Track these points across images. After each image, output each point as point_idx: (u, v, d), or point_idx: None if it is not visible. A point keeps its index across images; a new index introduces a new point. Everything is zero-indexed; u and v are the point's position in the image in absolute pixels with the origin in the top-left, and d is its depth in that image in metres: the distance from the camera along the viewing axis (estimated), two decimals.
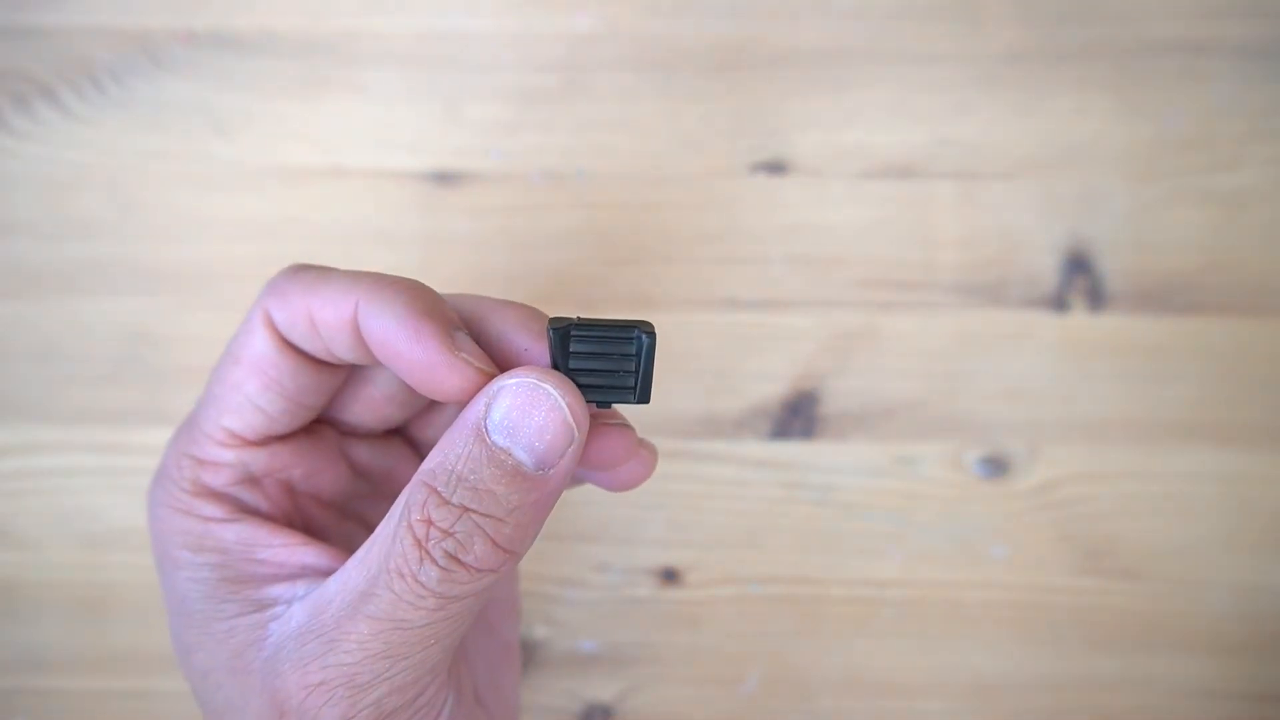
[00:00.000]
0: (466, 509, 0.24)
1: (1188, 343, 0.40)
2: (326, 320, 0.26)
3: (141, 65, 0.41)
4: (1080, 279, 0.40)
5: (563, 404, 0.24)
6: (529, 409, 0.24)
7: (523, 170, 0.41)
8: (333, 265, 0.28)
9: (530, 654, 0.40)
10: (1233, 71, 0.41)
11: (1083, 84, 0.41)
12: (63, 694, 0.40)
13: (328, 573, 0.26)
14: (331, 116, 0.41)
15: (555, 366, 0.25)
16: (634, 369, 0.25)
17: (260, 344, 0.27)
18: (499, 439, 0.24)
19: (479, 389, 0.25)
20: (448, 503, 0.24)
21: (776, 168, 0.41)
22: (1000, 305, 0.41)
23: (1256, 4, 0.41)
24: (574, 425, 0.24)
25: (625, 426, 0.27)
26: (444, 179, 0.41)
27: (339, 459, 0.30)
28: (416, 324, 0.25)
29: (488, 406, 0.24)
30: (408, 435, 0.32)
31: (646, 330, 0.25)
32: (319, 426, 0.30)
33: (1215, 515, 0.40)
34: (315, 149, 0.41)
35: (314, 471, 0.29)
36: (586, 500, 0.40)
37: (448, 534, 0.24)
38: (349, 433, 0.30)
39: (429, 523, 0.24)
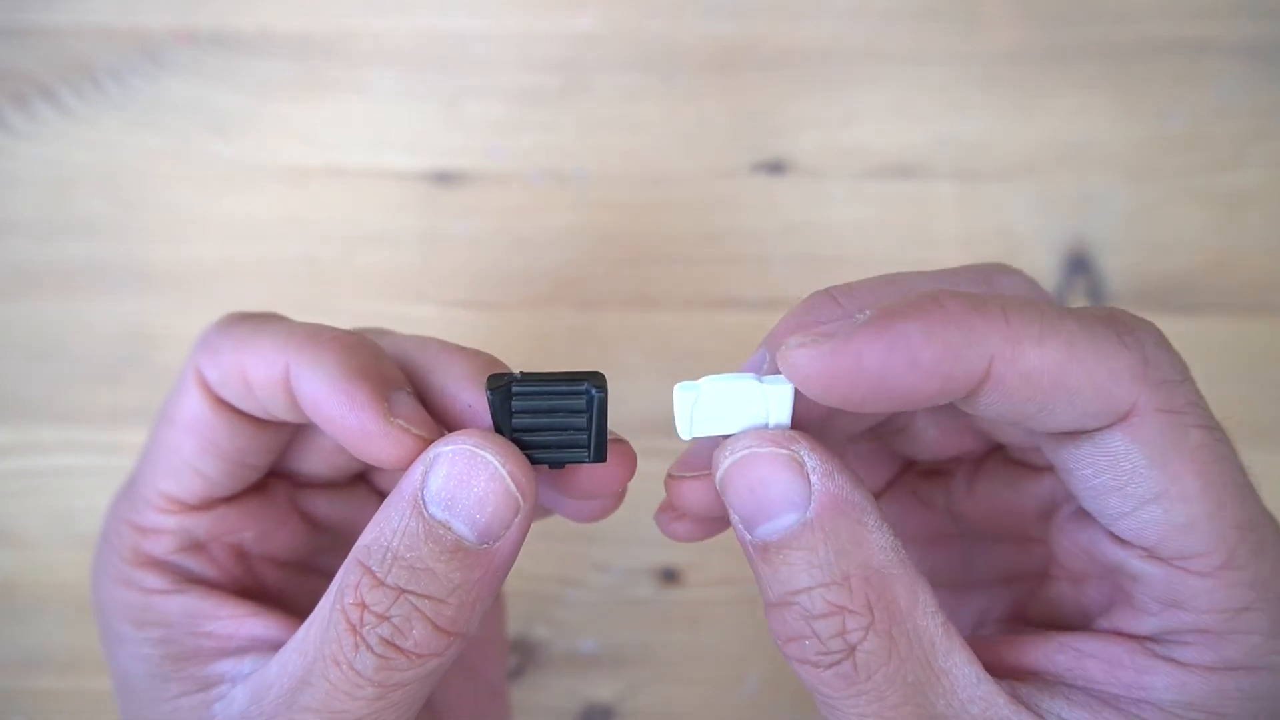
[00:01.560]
0: (403, 590, 0.21)
1: (1188, 343, 0.40)
2: (258, 379, 0.24)
3: (141, 65, 0.41)
4: (1080, 279, 0.40)
5: (504, 472, 0.22)
6: (468, 478, 0.22)
7: (523, 170, 0.41)
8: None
9: (530, 654, 0.40)
10: (1233, 71, 0.41)
11: (1083, 84, 0.41)
12: (63, 694, 0.40)
13: (277, 645, 0.24)
14: (331, 116, 0.41)
15: (498, 428, 0.23)
16: (586, 425, 0.23)
17: (194, 404, 0.25)
18: (437, 511, 0.22)
19: (417, 456, 0.22)
20: (382, 583, 0.21)
21: (776, 168, 0.41)
22: None
23: (1256, 4, 0.41)
24: (518, 494, 0.22)
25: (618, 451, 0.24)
26: (444, 179, 0.41)
27: (293, 515, 0.28)
28: (349, 387, 0.22)
29: (424, 475, 0.22)
30: (371, 480, 0.29)
31: (597, 384, 0.22)
32: (271, 482, 0.27)
33: None
34: (315, 149, 0.41)
35: (267, 532, 0.27)
36: None
37: (383, 618, 0.21)
38: (306, 484, 0.28)
39: (363, 606, 0.21)
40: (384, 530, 0.22)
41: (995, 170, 0.41)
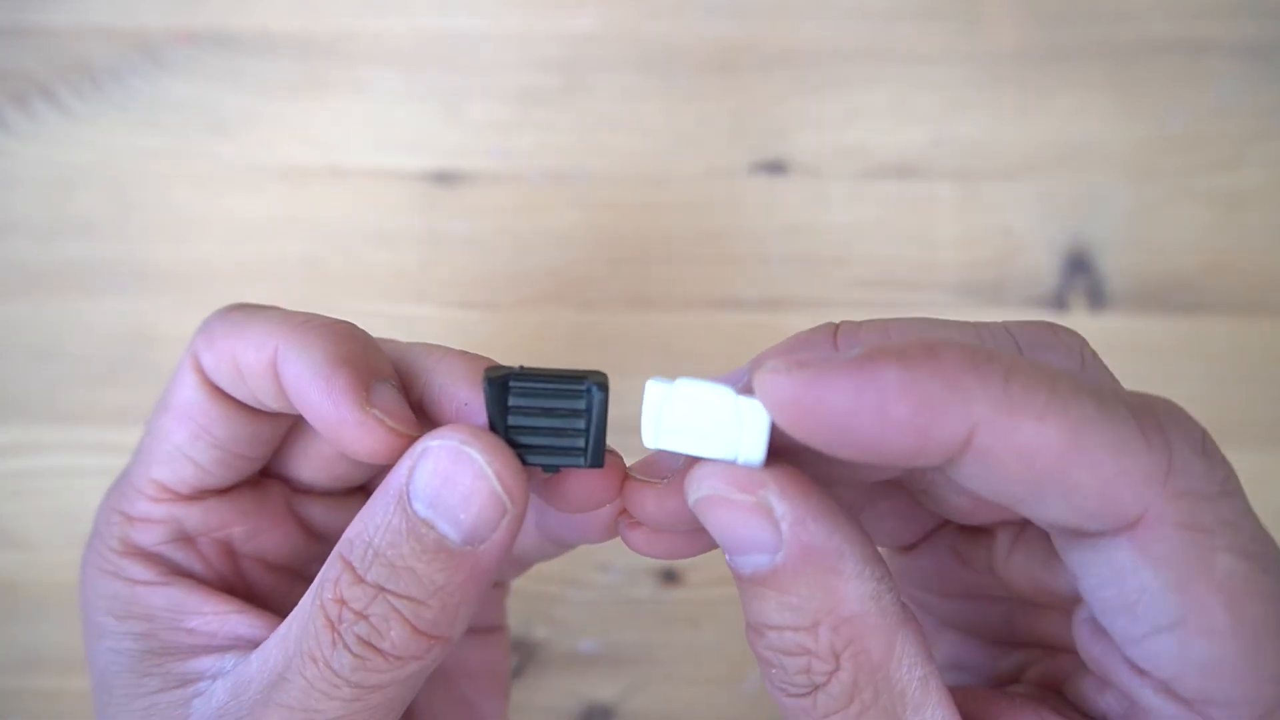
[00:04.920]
0: (382, 589, 0.21)
1: (1188, 343, 0.40)
2: (249, 364, 0.23)
3: (141, 65, 0.41)
4: (1080, 279, 0.40)
5: (489, 471, 0.21)
6: (452, 476, 0.21)
7: (523, 170, 0.41)
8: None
9: (530, 654, 0.40)
10: (1233, 71, 0.41)
11: (1083, 84, 0.41)
12: (62, 694, 0.40)
13: (260, 643, 0.24)
14: (331, 116, 0.41)
15: (493, 425, 0.21)
16: (584, 427, 0.21)
17: (188, 390, 0.24)
18: (421, 509, 0.21)
19: (396, 452, 0.22)
20: (362, 580, 0.21)
21: (776, 168, 0.41)
22: (1000, 305, 0.41)
23: (1256, 4, 0.41)
24: (505, 496, 0.21)
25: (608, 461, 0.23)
26: (444, 179, 0.41)
27: (287, 518, 0.27)
28: (329, 372, 0.22)
29: (411, 471, 0.21)
30: (372, 492, 0.29)
31: (599, 382, 0.21)
32: (266, 482, 0.27)
33: None
34: (315, 149, 0.41)
35: (257, 531, 0.26)
36: None
37: (361, 616, 0.21)
38: (303, 490, 0.27)
39: (342, 602, 0.21)
40: (367, 525, 0.21)
41: (995, 170, 0.41)
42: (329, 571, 0.21)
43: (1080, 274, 0.40)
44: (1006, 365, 0.17)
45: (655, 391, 0.20)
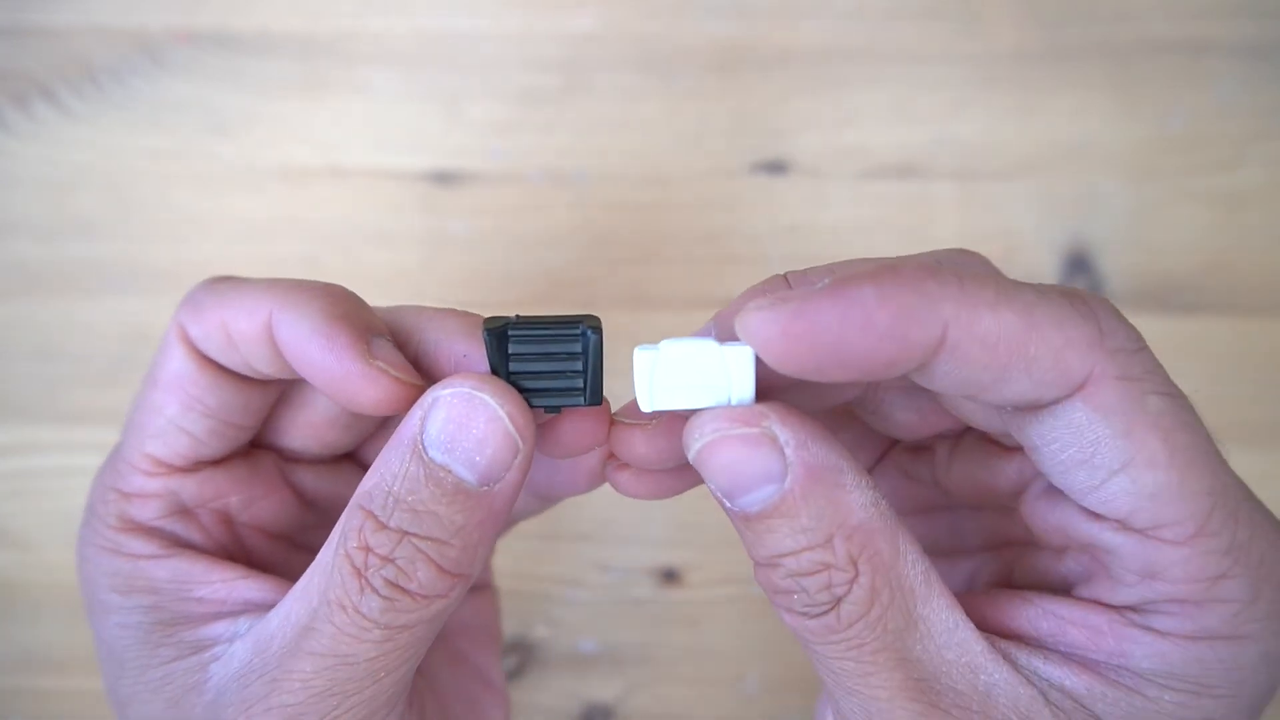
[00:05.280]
0: (406, 533, 0.22)
1: (1188, 343, 0.40)
2: (241, 331, 0.24)
3: (141, 65, 0.41)
4: (1080, 279, 0.40)
5: (502, 413, 0.22)
6: (467, 421, 0.22)
7: (523, 170, 0.41)
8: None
9: (530, 654, 0.40)
10: (1233, 71, 0.41)
11: (1083, 84, 0.41)
12: (62, 694, 0.40)
13: (270, 607, 0.24)
14: (331, 116, 0.41)
15: (495, 372, 0.23)
16: (581, 369, 0.23)
17: (177, 361, 0.25)
18: (437, 455, 0.22)
19: (400, 400, 0.23)
20: (385, 527, 0.22)
21: (776, 168, 0.41)
22: None
23: (1256, 4, 0.41)
24: (517, 435, 0.22)
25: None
26: (444, 179, 0.41)
27: (281, 486, 0.28)
28: (329, 330, 0.23)
29: (423, 420, 0.22)
30: (360, 459, 0.29)
31: (593, 325, 0.23)
32: (258, 452, 0.27)
33: None
34: (315, 149, 0.41)
35: (253, 499, 0.27)
36: (587, 500, 0.40)
37: (387, 560, 0.22)
38: (294, 459, 0.28)
39: (367, 549, 0.22)
40: (385, 475, 0.22)
41: (995, 170, 0.41)
42: (350, 522, 0.22)
43: (1080, 274, 0.40)
44: (956, 271, 0.20)
45: (643, 359, 0.22)
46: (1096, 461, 0.20)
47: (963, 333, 0.20)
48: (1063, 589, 0.23)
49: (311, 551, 0.28)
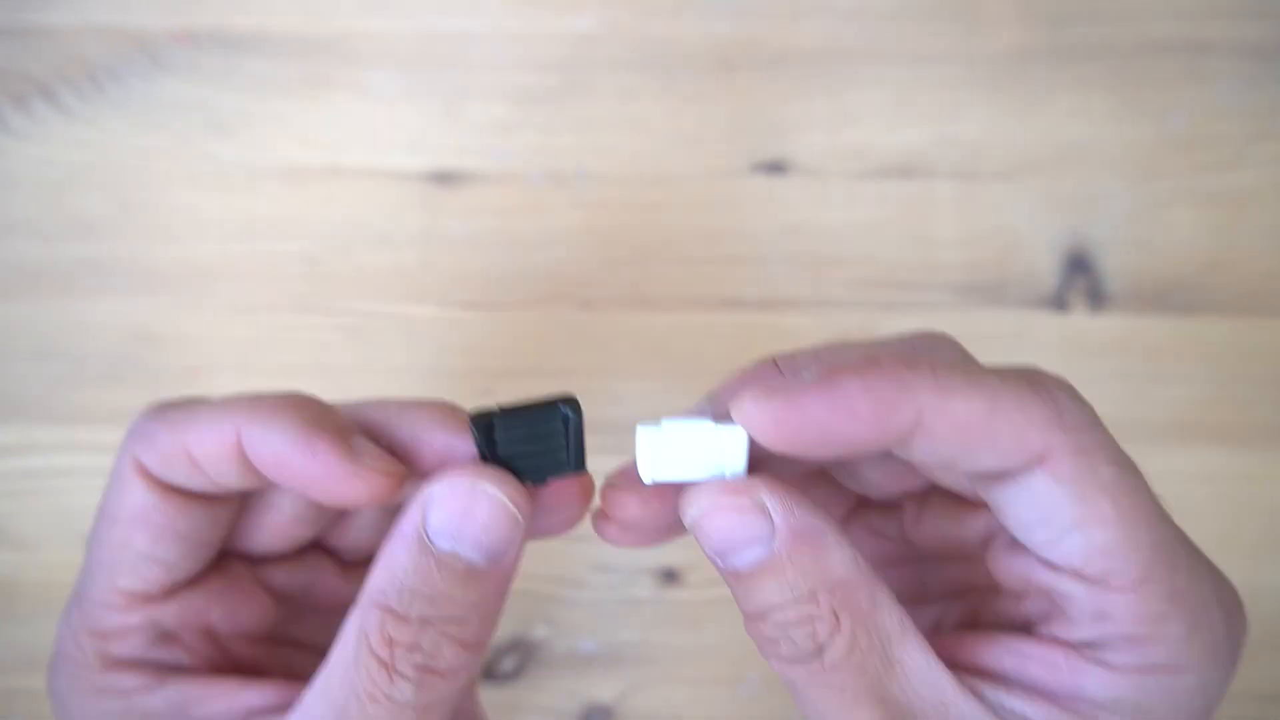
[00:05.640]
0: (428, 620, 0.23)
1: (1188, 343, 0.40)
2: (207, 453, 0.24)
3: (141, 65, 0.41)
4: (1080, 279, 0.41)
5: (503, 497, 0.24)
6: (469, 509, 0.24)
7: (523, 170, 0.41)
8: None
9: (530, 654, 0.40)
10: (1233, 71, 0.41)
11: (1083, 84, 0.41)
12: None
13: (276, 708, 0.25)
14: (331, 116, 0.41)
15: (483, 457, 0.24)
16: (564, 443, 0.25)
17: (138, 494, 0.25)
18: (443, 544, 0.24)
19: (388, 492, 0.24)
20: (406, 618, 0.23)
21: (776, 168, 0.41)
22: (1000, 305, 0.41)
23: (1256, 4, 0.41)
24: (517, 513, 0.24)
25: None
26: (444, 179, 0.41)
27: (256, 589, 0.28)
28: (308, 438, 0.24)
29: (424, 513, 0.24)
30: (323, 544, 0.30)
31: (571, 405, 0.24)
32: (227, 561, 0.28)
33: (1214, 515, 0.40)
34: (315, 149, 0.41)
35: (233, 609, 0.27)
36: None
37: (414, 648, 0.23)
38: (261, 560, 0.28)
39: (390, 643, 0.23)
40: (394, 570, 0.23)
41: (995, 170, 0.41)
42: (369, 620, 0.23)
43: (1080, 274, 0.41)
44: (930, 362, 0.23)
45: (645, 435, 0.24)
46: (1054, 521, 0.23)
47: (936, 417, 0.22)
48: (1024, 628, 0.25)
49: (294, 644, 0.29)
